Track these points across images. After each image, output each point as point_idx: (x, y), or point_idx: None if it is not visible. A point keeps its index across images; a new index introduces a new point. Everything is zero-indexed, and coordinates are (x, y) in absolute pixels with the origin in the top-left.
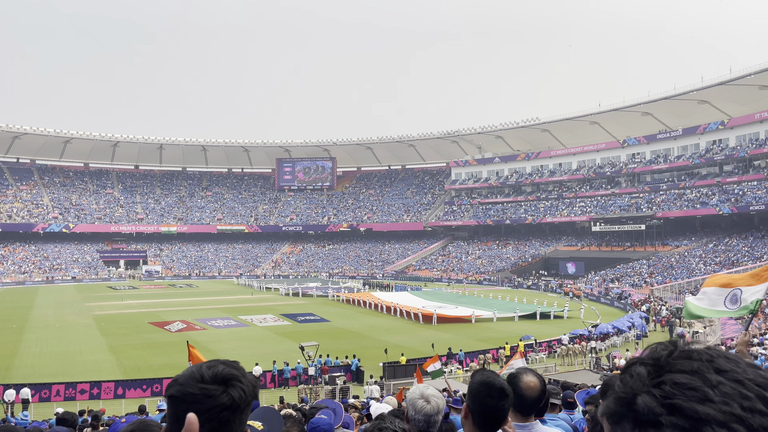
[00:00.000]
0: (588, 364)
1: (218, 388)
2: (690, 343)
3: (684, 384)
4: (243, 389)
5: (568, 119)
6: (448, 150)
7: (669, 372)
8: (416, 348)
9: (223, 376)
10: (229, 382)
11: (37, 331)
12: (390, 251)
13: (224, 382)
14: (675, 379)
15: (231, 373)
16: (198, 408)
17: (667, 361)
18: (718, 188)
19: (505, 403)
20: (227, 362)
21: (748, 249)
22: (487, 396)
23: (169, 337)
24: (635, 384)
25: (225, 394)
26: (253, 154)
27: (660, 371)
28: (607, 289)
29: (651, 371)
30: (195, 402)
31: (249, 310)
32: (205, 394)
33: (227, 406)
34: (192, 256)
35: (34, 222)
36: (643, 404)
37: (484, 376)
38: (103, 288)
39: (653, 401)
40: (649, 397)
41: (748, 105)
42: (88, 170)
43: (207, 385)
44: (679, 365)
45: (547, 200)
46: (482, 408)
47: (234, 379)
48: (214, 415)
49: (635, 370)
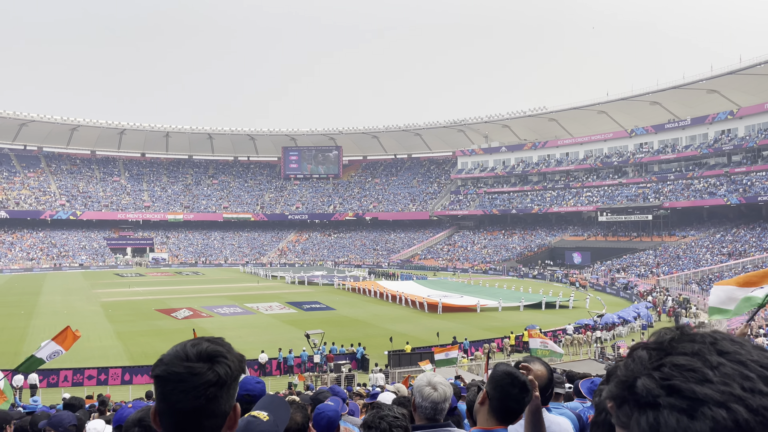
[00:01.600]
0: (593, 354)
1: (203, 366)
2: (703, 324)
3: (683, 365)
4: (228, 365)
5: (576, 108)
6: (455, 139)
7: (670, 354)
8: (421, 337)
9: (207, 353)
10: (215, 359)
11: (45, 317)
12: (395, 240)
13: (209, 360)
14: (675, 360)
15: (216, 350)
16: (184, 386)
17: (670, 345)
18: (726, 178)
19: (525, 396)
20: (212, 339)
21: (756, 239)
22: (510, 385)
23: (175, 324)
24: (636, 367)
25: (211, 371)
26: (259, 143)
27: (662, 354)
28: (612, 279)
29: (652, 354)
30: (181, 381)
31: (255, 297)
32: (191, 372)
33: (213, 383)
34: (198, 243)
35: (41, 209)
36: (642, 386)
37: (509, 367)
38: (110, 275)
39: (652, 383)
40: (648, 379)
41: (757, 94)
42: (95, 158)
43: (192, 363)
44: (680, 348)
45: (554, 190)
46: (502, 396)
47: (219, 356)
48: (201, 392)
49: (637, 354)
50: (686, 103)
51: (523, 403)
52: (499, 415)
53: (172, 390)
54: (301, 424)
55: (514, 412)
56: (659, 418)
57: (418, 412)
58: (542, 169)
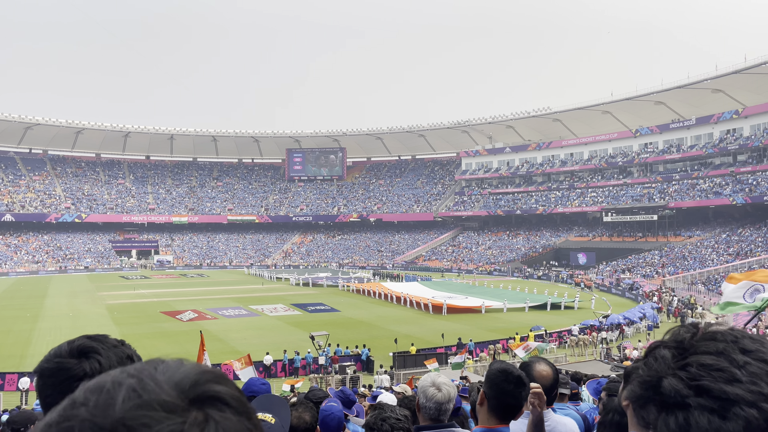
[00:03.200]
0: (598, 355)
1: (73, 361)
2: (711, 325)
3: (710, 365)
4: (99, 361)
5: (580, 108)
6: (459, 140)
7: (694, 354)
8: (426, 338)
9: (80, 349)
10: (86, 354)
11: (51, 319)
12: (400, 241)
13: (80, 355)
14: (701, 360)
15: (89, 346)
16: (53, 381)
17: (691, 343)
18: (731, 178)
19: (522, 391)
20: (92, 336)
21: (762, 239)
22: (505, 382)
23: (180, 326)
24: (660, 367)
25: (78, 367)
26: (263, 145)
27: (684, 353)
28: (618, 280)
29: (675, 354)
30: (51, 375)
31: (260, 299)
32: (59, 367)
33: (80, 377)
34: (203, 246)
35: (47, 212)
36: (670, 387)
37: (503, 364)
38: (115, 277)
39: (680, 383)
40: (675, 379)
41: (762, 94)
42: (99, 160)
43: (62, 358)
44: (704, 346)
45: (558, 190)
46: (499, 394)
47: (91, 352)
48: (66, 387)
49: (659, 353)
50: (691, 102)
51: (520, 398)
52: (498, 413)
53: (43, 385)
54: (310, 424)
55: (512, 408)
56: (689, 419)
57: (422, 413)
58: (547, 169)
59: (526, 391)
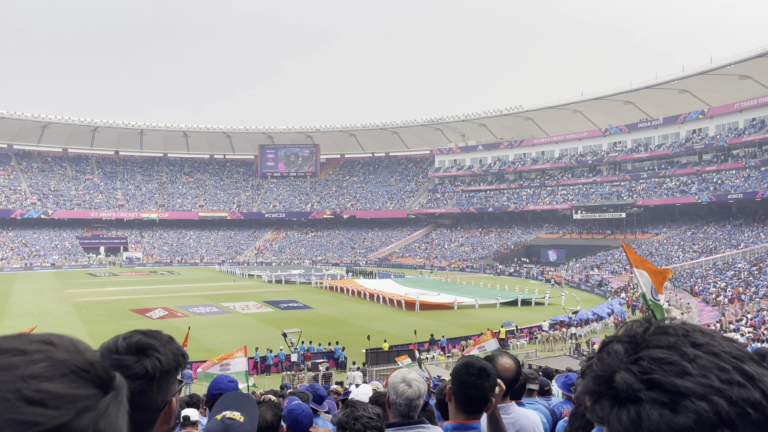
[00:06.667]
0: (568, 350)
1: (131, 359)
2: (664, 319)
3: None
4: (159, 359)
5: (551, 107)
6: (432, 138)
7: (646, 348)
8: (399, 335)
9: (138, 346)
10: (144, 351)
11: (16, 318)
12: (373, 238)
13: (139, 352)
14: (652, 354)
15: (147, 343)
16: None
17: (643, 338)
18: (697, 177)
19: (484, 382)
20: (146, 332)
21: (726, 237)
22: (466, 374)
23: (150, 324)
24: (612, 361)
25: (138, 364)
26: (236, 141)
27: (637, 348)
28: (587, 276)
29: (628, 348)
30: None
31: (231, 297)
32: (117, 364)
33: (140, 376)
34: (173, 242)
35: (11, 208)
36: (622, 381)
37: (466, 358)
38: (83, 275)
39: (631, 377)
40: (627, 373)
41: (727, 95)
42: (66, 155)
43: (120, 355)
44: (655, 341)
45: (530, 188)
46: (462, 387)
47: (149, 349)
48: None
49: (612, 348)
50: (659, 102)
51: (483, 389)
52: (464, 407)
53: None
54: (270, 423)
55: (477, 401)
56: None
57: (392, 409)
58: (518, 167)
59: (490, 382)
